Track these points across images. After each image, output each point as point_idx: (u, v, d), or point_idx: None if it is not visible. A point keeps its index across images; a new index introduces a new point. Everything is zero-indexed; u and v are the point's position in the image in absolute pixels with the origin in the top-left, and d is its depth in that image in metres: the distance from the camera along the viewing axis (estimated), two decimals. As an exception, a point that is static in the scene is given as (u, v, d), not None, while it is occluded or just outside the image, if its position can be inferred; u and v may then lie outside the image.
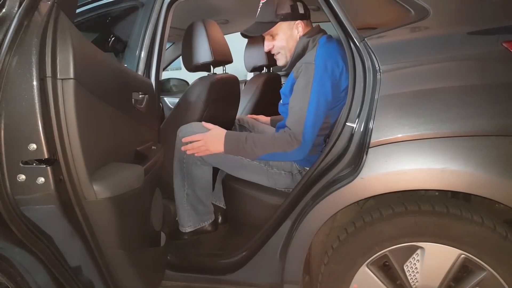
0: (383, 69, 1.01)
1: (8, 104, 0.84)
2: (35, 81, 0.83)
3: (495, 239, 0.97)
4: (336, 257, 1.12)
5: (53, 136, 0.86)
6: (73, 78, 0.85)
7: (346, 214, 1.19)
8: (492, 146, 0.93)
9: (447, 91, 0.97)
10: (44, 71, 0.84)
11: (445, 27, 1.05)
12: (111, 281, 1.07)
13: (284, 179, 1.41)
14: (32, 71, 0.83)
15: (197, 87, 1.65)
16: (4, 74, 0.83)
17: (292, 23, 1.39)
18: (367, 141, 1.01)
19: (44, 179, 0.87)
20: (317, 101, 1.23)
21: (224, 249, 1.48)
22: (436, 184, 0.97)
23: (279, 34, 1.41)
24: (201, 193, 1.52)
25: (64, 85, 0.85)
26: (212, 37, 1.62)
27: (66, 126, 0.87)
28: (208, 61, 1.62)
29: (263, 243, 1.25)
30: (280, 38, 1.41)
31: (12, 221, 0.88)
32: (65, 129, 0.87)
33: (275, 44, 1.43)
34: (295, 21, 1.38)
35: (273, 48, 1.44)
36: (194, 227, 1.54)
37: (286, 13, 1.37)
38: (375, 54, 1.02)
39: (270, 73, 2.54)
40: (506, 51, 0.94)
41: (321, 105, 1.24)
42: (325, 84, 1.24)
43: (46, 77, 0.84)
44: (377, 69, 1.02)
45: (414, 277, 1.06)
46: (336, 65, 1.25)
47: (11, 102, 0.84)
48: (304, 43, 1.38)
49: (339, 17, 1.08)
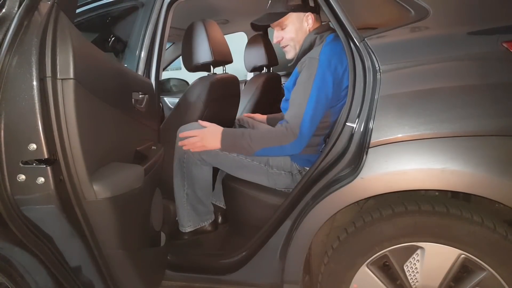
0: (383, 69, 1.01)
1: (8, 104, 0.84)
2: (35, 81, 0.83)
3: (495, 239, 0.97)
4: (336, 257, 1.12)
5: (53, 136, 0.86)
6: (73, 78, 0.85)
7: (346, 214, 1.19)
8: (492, 146, 0.93)
9: (447, 91, 0.97)
10: (44, 71, 0.84)
11: (445, 27, 1.05)
12: (111, 281, 1.07)
13: (284, 179, 1.41)
14: (32, 71, 0.83)
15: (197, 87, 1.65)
16: (4, 74, 0.83)
17: (302, 15, 1.39)
18: (367, 141, 1.01)
19: (44, 179, 0.87)
20: (317, 96, 1.23)
21: (224, 249, 1.48)
22: (436, 184, 0.97)
23: (288, 25, 1.40)
24: (201, 193, 1.51)
25: (64, 85, 0.85)
26: (212, 37, 1.62)
27: (66, 126, 0.87)
28: (208, 61, 1.62)
29: (263, 243, 1.25)
30: (290, 29, 1.40)
31: (12, 221, 0.88)
32: (65, 129, 0.87)
33: (284, 36, 1.42)
34: (305, 13, 1.38)
35: (283, 40, 1.44)
36: (194, 227, 1.54)
37: (296, 4, 1.37)
38: (375, 54, 1.02)
39: (270, 73, 2.54)
40: (506, 51, 0.94)
41: (321, 100, 1.24)
42: (327, 80, 1.24)
43: (46, 77, 0.84)
44: (377, 69, 1.02)
45: (414, 277, 1.06)
46: (340, 63, 1.25)
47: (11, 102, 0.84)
48: (312, 39, 1.38)
49: (339, 17, 1.08)
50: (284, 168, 1.41)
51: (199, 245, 1.52)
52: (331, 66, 1.24)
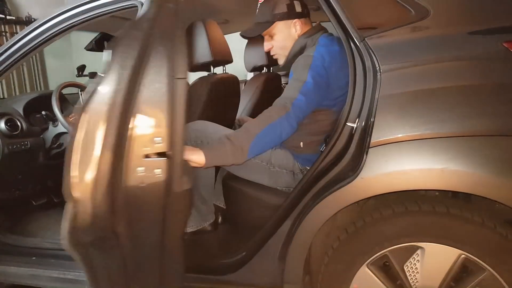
0: (383, 69, 1.01)
1: (143, 103, 0.90)
2: (166, 80, 0.90)
3: (495, 239, 0.97)
4: (336, 257, 1.12)
5: (171, 131, 0.92)
6: (185, 77, 0.93)
7: (346, 214, 1.18)
8: (493, 146, 0.93)
9: (448, 91, 0.97)
10: (171, 72, 0.91)
11: (445, 27, 1.04)
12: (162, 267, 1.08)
13: (286, 178, 1.41)
14: (164, 70, 0.90)
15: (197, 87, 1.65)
16: (142, 72, 0.89)
17: (290, 22, 1.38)
18: (367, 141, 1.01)
19: (160, 171, 0.92)
20: (313, 79, 1.22)
21: (224, 249, 1.47)
22: (436, 184, 0.97)
23: (277, 34, 1.40)
24: (205, 191, 1.51)
25: (179, 84, 0.92)
26: (212, 37, 1.62)
27: (177, 122, 0.93)
28: (208, 61, 1.62)
29: (263, 243, 1.25)
30: (278, 38, 1.41)
31: (122, 214, 0.93)
32: (176, 125, 0.93)
33: (274, 44, 1.43)
34: (292, 20, 1.38)
35: (272, 48, 1.44)
36: (196, 228, 1.54)
37: (282, 12, 1.37)
38: (375, 54, 1.02)
39: (270, 73, 2.53)
40: (506, 51, 0.94)
41: (318, 84, 1.22)
42: (321, 73, 1.24)
43: (172, 77, 0.91)
44: (377, 69, 1.02)
45: (414, 277, 1.06)
46: (334, 63, 1.26)
47: (146, 100, 0.90)
48: (302, 43, 1.38)
49: (339, 17, 1.08)
50: (286, 167, 1.41)
51: (199, 245, 1.52)
52: (325, 62, 1.25)
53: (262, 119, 1.20)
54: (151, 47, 0.90)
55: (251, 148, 1.17)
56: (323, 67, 1.24)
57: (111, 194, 0.90)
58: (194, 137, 1.42)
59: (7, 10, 3.82)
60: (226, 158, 1.17)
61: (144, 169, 0.92)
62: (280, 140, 1.22)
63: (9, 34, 3.85)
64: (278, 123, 1.17)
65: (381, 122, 1.00)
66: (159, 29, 0.92)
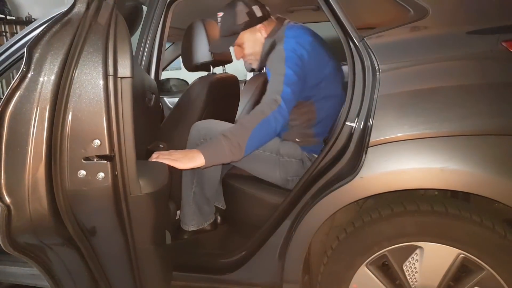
0: (383, 68, 1.01)
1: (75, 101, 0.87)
2: (101, 80, 0.86)
3: (494, 239, 0.97)
4: (335, 257, 1.12)
5: (113, 133, 0.89)
6: (130, 77, 0.90)
7: (346, 213, 1.19)
8: (492, 146, 0.93)
9: (447, 91, 0.97)
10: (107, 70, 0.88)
11: (444, 27, 1.05)
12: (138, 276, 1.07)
13: (295, 167, 1.41)
14: (98, 70, 0.86)
15: (197, 87, 1.65)
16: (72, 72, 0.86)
17: (254, 28, 1.41)
18: (366, 140, 1.01)
19: (104, 175, 0.89)
20: (292, 69, 1.23)
21: (223, 249, 1.48)
22: (435, 184, 0.97)
23: (245, 42, 1.43)
24: (209, 192, 1.52)
25: (123, 83, 0.89)
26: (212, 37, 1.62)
27: (123, 123, 0.90)
28: (208, 61, 1.62)
29: (262, 242, 1.25)
30: (247, 45, 1.44)
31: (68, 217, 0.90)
32: (121, 126, 0.90)
33: (244, 52, 1.46)
34: (255, 26, 1.40)
35: (244, 56, 1.48)
36: (197, 227, 1.54)
37: (245, 22, 1.39)
38: (374, 54, 1.02)
39: (270, 73, 2.53)
40: (505, 50, 0.94)
41: (296, 73, 1.23)
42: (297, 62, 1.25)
43: (109, 75, 0.88)
44: (376, 69, 1.02)
45: (413, 277, 1.06)
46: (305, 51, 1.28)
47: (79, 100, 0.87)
48: (270, 42, 1.40)
49: (338, 17, 1.08)
50: (295, 156, 1.41)
51: (199, 244, 1.52)
52: (296, 52, 1.27)
53: (255, 115, 1.19)
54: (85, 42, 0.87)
55: (248, 144, 1.15)
56: (297, 56, 1.26)
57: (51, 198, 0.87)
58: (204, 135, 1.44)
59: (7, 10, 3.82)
60: (224, 156, 1.15)
61: (86, 172, 0.88)
62: (275, 134, 1.22)
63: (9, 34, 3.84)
64: (272, 117, 1.17)
65: (380, 121, 1.00)
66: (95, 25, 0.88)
